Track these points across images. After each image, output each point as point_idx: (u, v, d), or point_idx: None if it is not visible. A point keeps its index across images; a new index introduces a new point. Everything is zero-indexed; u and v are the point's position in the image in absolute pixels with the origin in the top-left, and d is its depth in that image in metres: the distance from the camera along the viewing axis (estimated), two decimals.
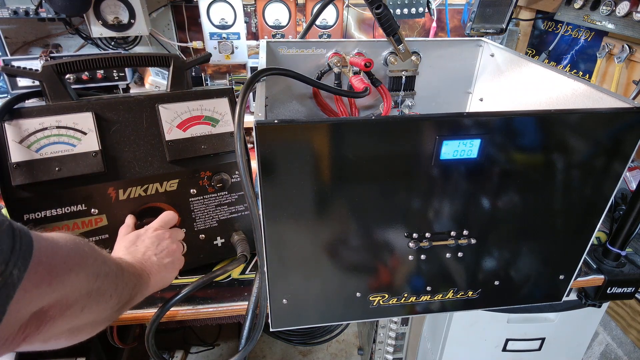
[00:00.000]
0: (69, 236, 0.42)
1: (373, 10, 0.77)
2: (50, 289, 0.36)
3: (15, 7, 1.18)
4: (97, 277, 0.43)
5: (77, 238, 0.43)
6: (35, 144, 0.58)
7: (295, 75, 0.68)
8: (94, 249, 0.44)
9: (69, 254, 0.39)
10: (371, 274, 0.61)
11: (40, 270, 0.34)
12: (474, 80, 0.95)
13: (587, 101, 0.61)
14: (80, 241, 0.42)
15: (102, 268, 0.44)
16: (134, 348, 1.05)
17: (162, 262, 0.59)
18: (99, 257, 0.44)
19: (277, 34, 1.40)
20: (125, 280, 0.49)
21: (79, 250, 0.41)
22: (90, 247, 0.44)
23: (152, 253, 0.59)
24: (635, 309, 1.09)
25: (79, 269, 0.40)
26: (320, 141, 0.48)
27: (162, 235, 0.62)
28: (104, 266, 0.45)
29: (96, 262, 0.43)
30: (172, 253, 0.62)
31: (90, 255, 0.42)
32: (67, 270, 0.38)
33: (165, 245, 0.61)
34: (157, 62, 0.65)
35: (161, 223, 0.64)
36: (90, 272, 0.42)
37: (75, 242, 0.41)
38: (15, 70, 0.58)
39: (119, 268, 0.49)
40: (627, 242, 0.75)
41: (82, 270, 0.40)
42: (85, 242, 0.43)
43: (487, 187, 0.55)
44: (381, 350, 1.26)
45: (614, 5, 1.01)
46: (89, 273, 0.42)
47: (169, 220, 0.66)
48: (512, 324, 0.97)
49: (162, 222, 0.64)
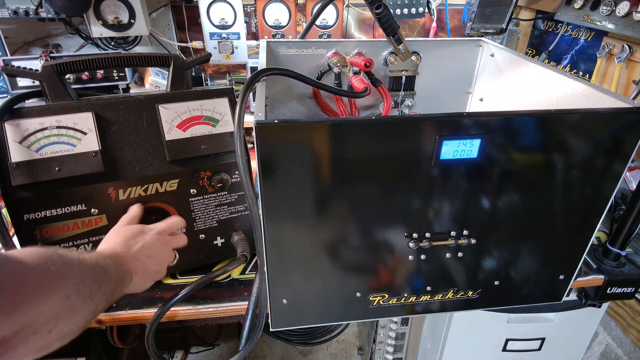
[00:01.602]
0: (40, 256, 0.38)
1: (373, 10, 0.77)
2: (9, 321, 0.33)
3: (15, 7, 1.18)
4: (68, 298, 0.40)
5: (51, 255, 0.40)
6: (35, 144, 0.58)
7: (295, 75, 0.68)
8: (68, 267, 0.41)
9: (36, 280, 0.36)
10: (371, 274, 0.61)
11: (0, 299, 0.31)
12: (474, 80, 0.95)
13: (587, 101, 0.61)
14: (53, 259, 0.39)
15: (74, 288, 0.41)
16: (134, 348, 1.05)
17: (150, 267, 0.59)
18: (73, 274, 0.41)
19: (277, 34, 1.40)
20: (104, 288, 0.47)
21: (48, 272, 0.38)
22: (64, 262, 0.41)
23: (145, 255, 0.58)
24: (635, 309, 1.09)
25: (47, 294, 0.37)
26: (320, 141, 0.48)
27: (162, 241, 0.62)
28: (78, 284, 0.42)
29: (69, 282, 0.40)
30: (162, 263, 0.61)
31: (62, 277, 0.40)
32: (32, 297, 0.35)
33: (160, 252, 0.61)
34: (157, 62, 0.65)
35: (166, 227, 0.64)
36: (61, 294, 0.39)
37: (46, 264, 0.38)
38: (15, 70, 0.58)
39: (99, 274, 0.46)
40: (627, 242, 0.75)
41: (50, 295, 0.37)
42: (58, 259, 0.40)
43: (487, 187, 0.55)
44: (381, 350, 1.26)
45: (614, 5, 1.01)
46: (60, 295, 0.39)
47: (175, 225, 0.65)
48: (512, 324, 0.97)
49: (168, 226, 0.64)
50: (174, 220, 0.66)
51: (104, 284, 0.47)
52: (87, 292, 0.43)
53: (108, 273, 0.49)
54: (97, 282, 0.46)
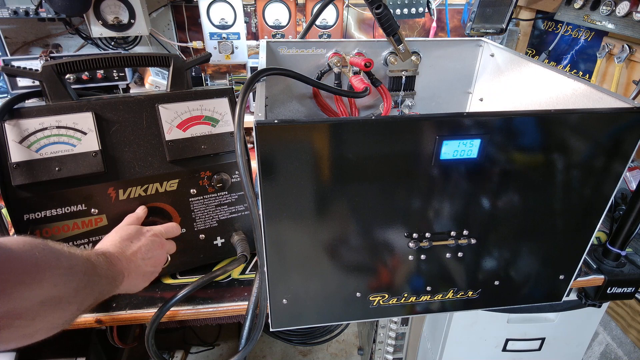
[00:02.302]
0: (27, 243, 0.39)
1: (373, 10, 0.77)
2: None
3: (15, 7, 1.18)
4: (54, 286, 0.41)
5: (38, 244, 0.40)
6: (35, 144, 0.58)
7: (295, 75, 0.68)
8: (57, 255, 0.42)
9: (22, 266, 0.37)
10: (371, 274, 0.61)
11: None
12: (474, 80, 0.95)
13: (587, 101, 0.61)
14: (40, 247, 0.40)
15: (61, 277, 0.42)
16: (134, 348, 1.05)
17: (144, 268, 0.59)
18: (61, 264, 0.42)
19: (277, 34, 1.40)
20: (92, 285, 0.47)
21: (34, 259, 0.39)
22: (52, 251, 0.41)
23: (141, 256, 0.58)
24: (635, 309, 1.09)
25: (32, 281, 0.38)
26: (321, 141, 0.48)
27: (158, 243, 0.62)
28: (66, 275, 0.42)
29: (56, 271, 0.41)
30: (156, 264, 0.62)
31: (49, 265, 0.40)
32: (17, 283, 0.37)
33: (155, 254, 0.61)
34: (157, 62, 0.65)
35: (164, 230, 0.64)
36: (46, 283, 0.40)
37: (32, 250, 0.39)
38: (15, 70, 0.58)
39: (87, 272, 0.46)
40: (627, 242, 0.75)
41: (35, 282, 0.38)
42: (46, 248, 0.41)
43: (487, 187, 0.55)
44: (381, 350, 1.26)
45: (614, 5, 1.01)
46: (45, 284, 0.39)
47: (172, 232, 0.66)
48: (512, 324, 0.97)
49: (165, 230, 0.65)
50: (172, 225, 0.66)
51: (93, 280, 0.47)
52: (74, 284, 0.44)
53: (99, 270, 0.49)
54: (86, 277, 0.46)
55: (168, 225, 0.66)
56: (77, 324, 0.64)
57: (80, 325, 0.64)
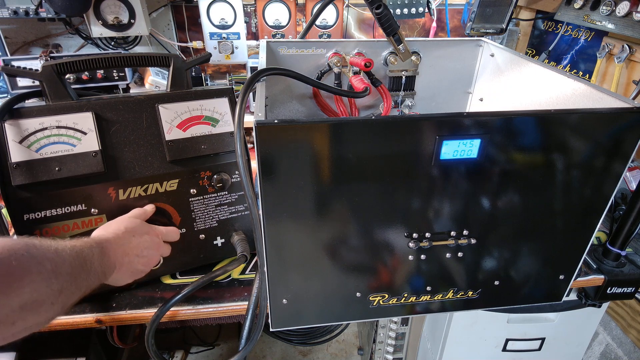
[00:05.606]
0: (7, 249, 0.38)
1: (373, 10, 0.77)
2: None
3: (15, 7, 1.18)
4: (34, 291, 0.40)
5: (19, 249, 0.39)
6: (35, 144, 0.58)
7: (295, 75, 0.68)
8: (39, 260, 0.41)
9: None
10: (371, 274, 0.61)
11: None
12: (474, 80, 0.95)
13: (587, 101, 0.61)
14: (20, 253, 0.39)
15: (43, 282, 0.41)
16: (134, 348, 1.05)
17: (136, 266, 0.59)
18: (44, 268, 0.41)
19: (277, 34, 1.40)
20: (78, 282, 0.46)
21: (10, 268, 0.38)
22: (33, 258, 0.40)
23: (137, 253, 0.58)
24: (635, 309, 1.09)
25: (8, 289, 0.37)
26: (321, 141, 0.48)
27: (156, 243, 0.62)
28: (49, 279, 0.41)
29: (36, 277, 0.40)
30: (148, 264, 0.62)
31: (28, 271, 0.39)
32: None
33: (150, 254, 0.61)
34: (157, 62, 0.65)
35: (165, 233, 0.65)
36: (27, 289, 0.39)
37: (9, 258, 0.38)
38: (15, 70, 0.58)
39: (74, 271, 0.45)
40: (627, 242, 0.75)
41: (12, 290, 0.37)
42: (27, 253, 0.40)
43: (487, 187, 0.55)
44: (381, 350, 1.26)
45: (614, 5, 1.01)
46: (25, 289, 0.39)
47: (172, 236, 0.66)
48: (512, 324, 0.97)
49: (166, 233, 0.65)
50: (173, 229, 0.67)
51: (80, 277, 0.46)
52: (57, 286, 0.42)
53: (88, 266, 0.48)
54: (72, 276, 0.45)
55: (169, 229, 0.66)
56: (77, 324, 0.64)
57: (80, 325, 0.64)
